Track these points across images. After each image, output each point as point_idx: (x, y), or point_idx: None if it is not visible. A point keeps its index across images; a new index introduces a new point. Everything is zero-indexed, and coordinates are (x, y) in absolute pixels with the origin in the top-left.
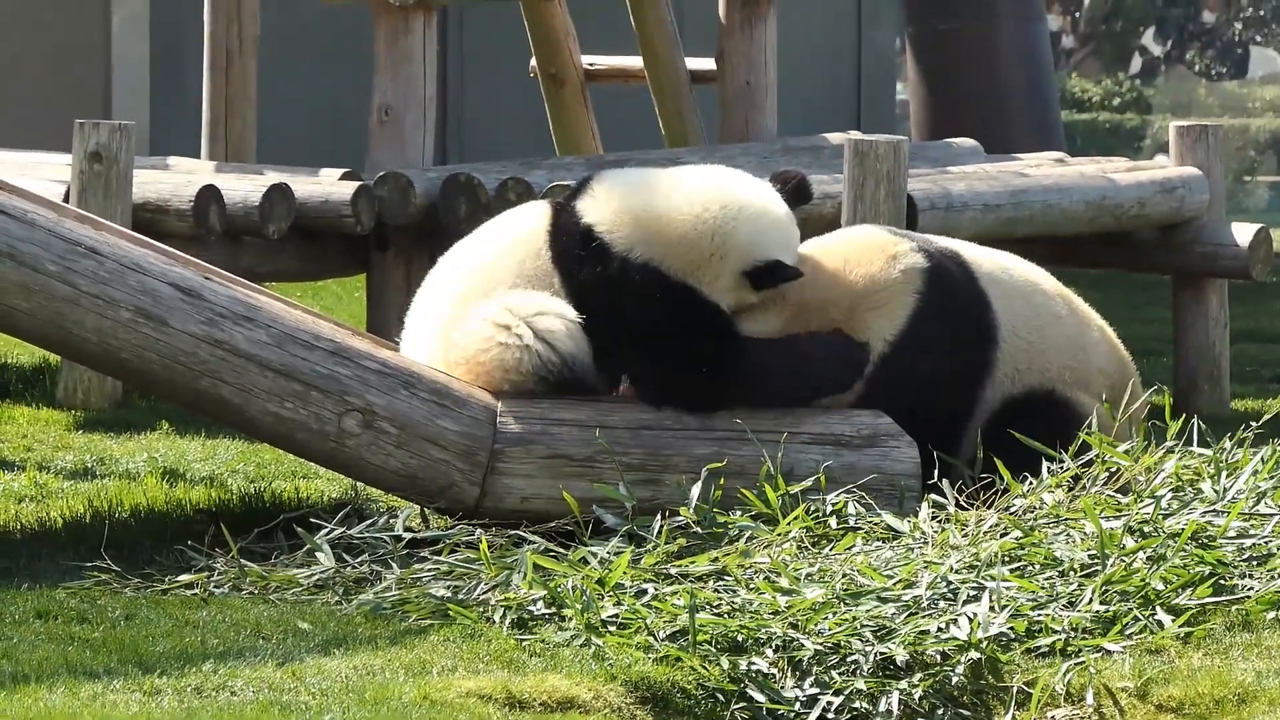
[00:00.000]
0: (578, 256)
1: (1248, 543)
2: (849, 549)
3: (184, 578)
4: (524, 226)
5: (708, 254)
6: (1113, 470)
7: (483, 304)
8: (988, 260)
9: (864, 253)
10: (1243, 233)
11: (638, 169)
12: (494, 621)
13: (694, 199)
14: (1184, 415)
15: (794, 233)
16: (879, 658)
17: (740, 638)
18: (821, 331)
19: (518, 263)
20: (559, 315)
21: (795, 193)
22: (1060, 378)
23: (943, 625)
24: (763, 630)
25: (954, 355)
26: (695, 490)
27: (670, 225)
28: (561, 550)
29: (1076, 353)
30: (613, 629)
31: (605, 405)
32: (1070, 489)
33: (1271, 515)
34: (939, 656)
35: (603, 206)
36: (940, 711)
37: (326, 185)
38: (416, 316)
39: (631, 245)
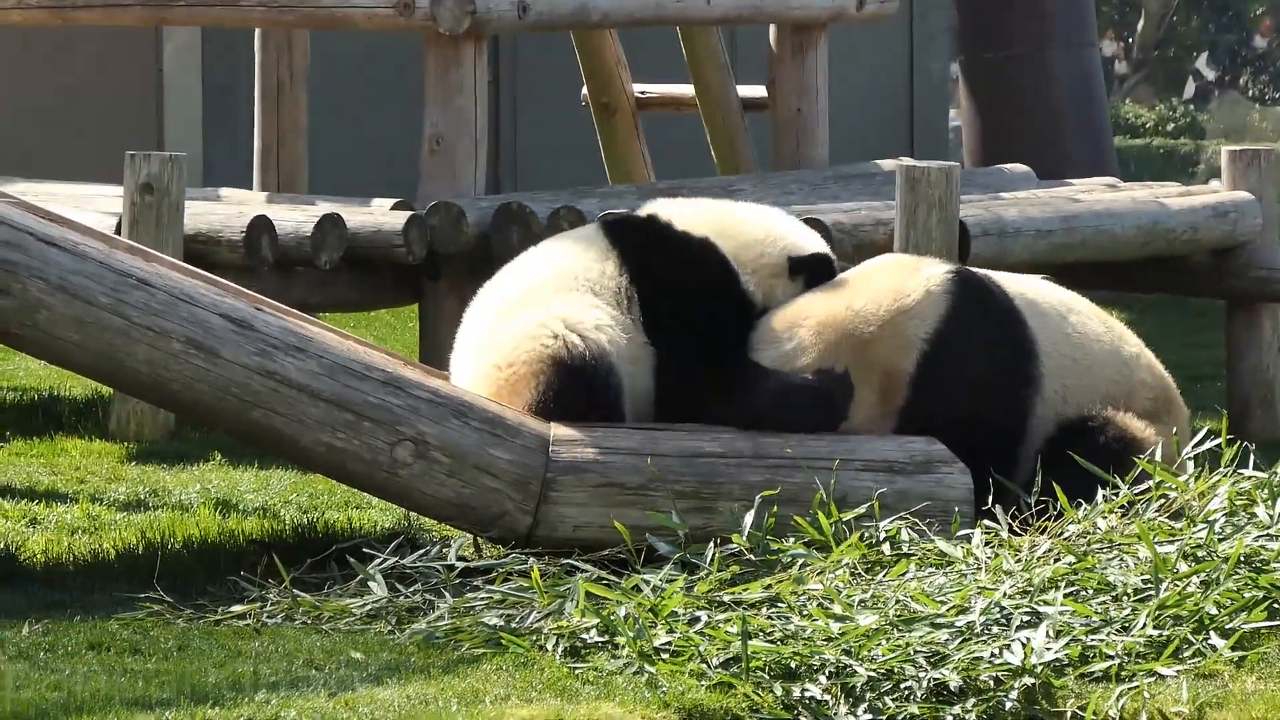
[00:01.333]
0: (640, 244)
1: None
2: (902, 575)
3: (237, 608)
4: (575, 241)
5: (759, 238)
6: (1166, 495)
7: (525, 312)
8: (1015, 283)
9: (890, 268)
10: None
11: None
12: (547, 650)
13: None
14: (1237, 440)
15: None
16: (932, 684)
17: (793, 664)
18: (817, 374)
19: (582, 268)
20: (597, 319)
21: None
22: (1109, 395)
23: (996, 651)
24: (816, 657)
25: (993, 359)
26: (748, 518)
27: (728, 217)
28: (614, 578)
29: (1119, 367)
30: (666, 656)
31: (657, 433)
32: (1124, 514)
33: None
34: (992, 682)
35: (658, 206)
36: None
37: (378, 215)
38: (463, 338)
39: (691, 226)
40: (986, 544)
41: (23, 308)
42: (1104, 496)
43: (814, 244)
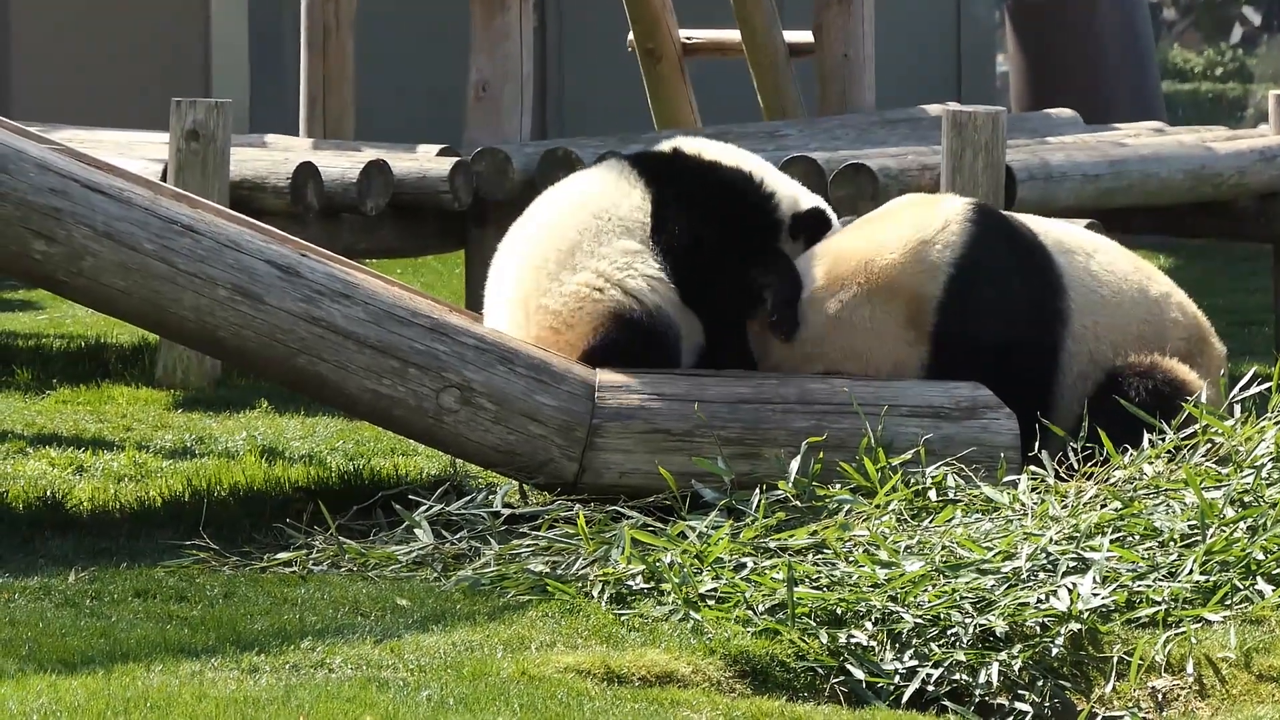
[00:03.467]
0: (666, 174)
1: None
2: (948, 521)
3: (282, 555)
4: (604, 181)
5: (774, 201)
6: (1213, 440)
7: (568, 274)
8: (1038, 222)
9: (909, 203)
10: None
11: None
12: (592, 596)
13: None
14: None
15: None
16: (978, 630)
17: (839, 611)
18: None
19: (619, 212)
20: (644, 274)
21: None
22: (1141, 335)
23: (1042, 597)
24: (862, 603)
25: (1018, 288)
26: (794, 464)
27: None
28: (660, 525)
29: (1149, 306)
30: (711, 603)
31: (703, 379)
32: (1171, 459)
33: None
34: (1039, 628)
35: (682, 141)
36: (1040, 683)
37: (424, 161)
38: (497, 290)
39: (719, 157)
40: (1033, 490)
41: (69, 255)
42: (1150, 441)
43: (809, 199)
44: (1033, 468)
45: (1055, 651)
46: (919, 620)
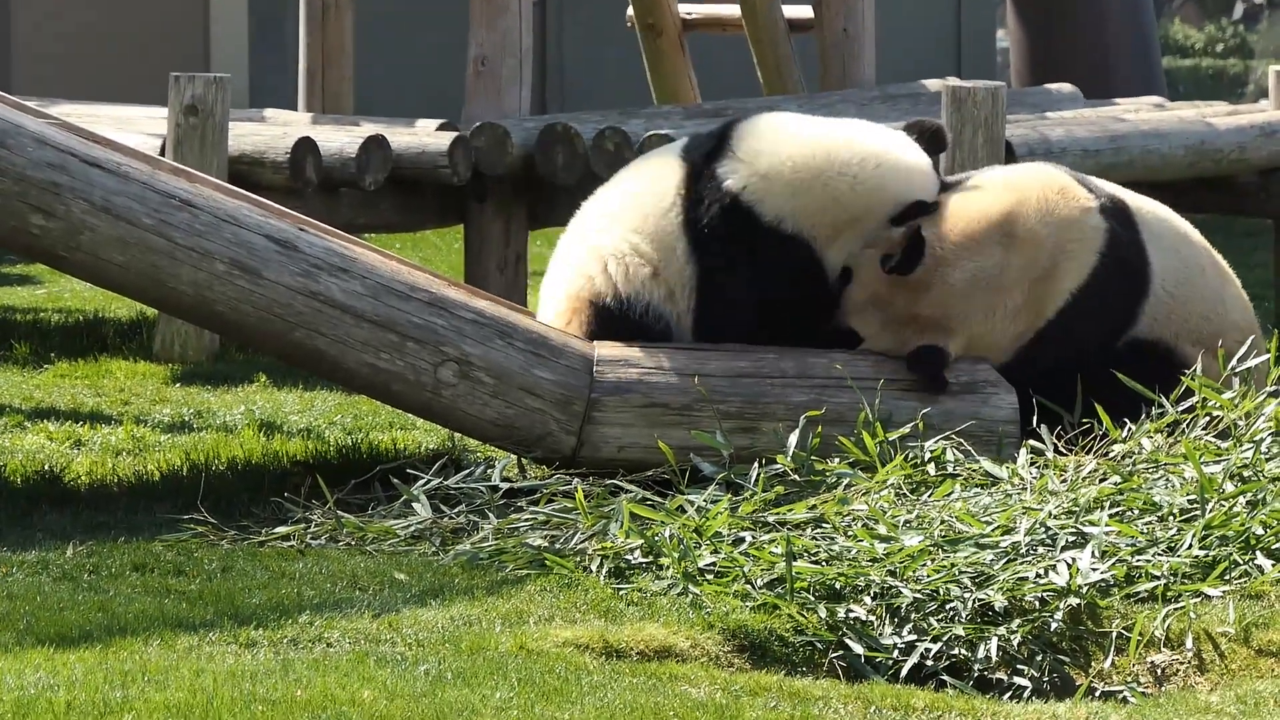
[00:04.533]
0: (716, 223)
1: None
2: (947, 496)
3: (280, 530)
4: (655, 183)
5: (857, 215)
6: (1212, 415)
7: (580, 248)
8: (1147, 211)
9: (1050, 197)
10: None
11: (774, 118)
12: (591, 571)
13: (847, 159)
14: None
15: (931, 179)
16: (977, 604)
17: (838, 585)
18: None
19: (642, 218)
20: (631, 260)
21: (931, 141)
22: (1196, 330)
23: (1041, 571)
24: (860, 578)
25: (1111, 315)
26: (793, 438)
27: (824, 188)
28: (658, 499)
29: (1215, 305)
30: (710, 577)
31: (702, 353)
32: (1170, 434)
33: None
34: (1038, 603)
35: (748, 168)
36: (1039, 658)
37: (423, 136)
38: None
39: (781, 215)
40: (1032, 464)
41: (67, 229)
42: (1149, 416)
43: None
44: (1032, 442)
45: (1054, 626)
46: (918, 595)
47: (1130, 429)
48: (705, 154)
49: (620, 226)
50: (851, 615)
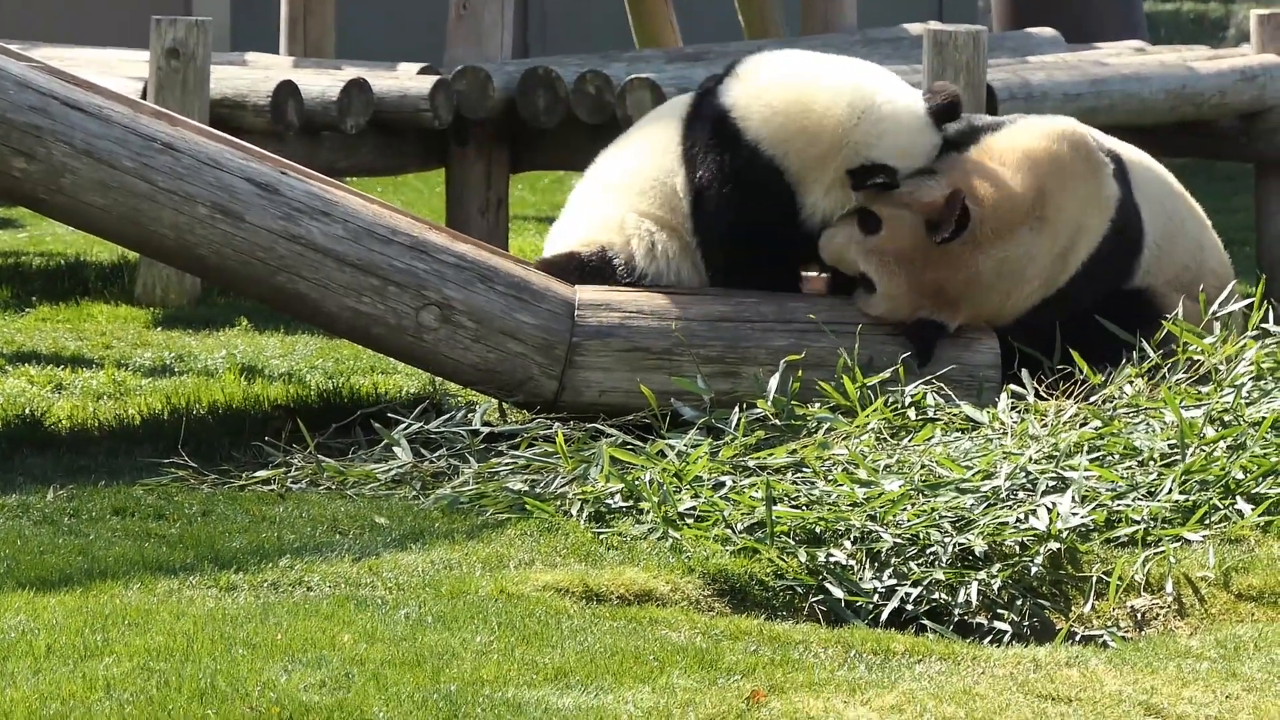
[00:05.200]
0: (707, 145)
1: None
2: (927, 440)
3: (261, 474)
4: (659, 130)
5: (823, 153)
6: (1193, 360)
7: (598, 208)
8: (1137, 163)
9: (1077, 168)
10: None
11: (789, 52)
12: (571, 515)
13: (827, 97)
14: (1265, 304)
15: (924, 140)
16: (957, 549)
17: (818, 530)
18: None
19: (646, 168)
20: (654, 241)
21: (944, 109)
22: (1178, 278)
23: (1022, 516)
24: (841, 522)
25: (1112, 276)
26: (773, 382)
27: (798, 116)
28: (639, 443)
29: (1195, 253)
30: (690, 522)
31: (683, 298)
32: (1151, 380)
33: None
34: (1018, 547)
35: (741, 87)
36: (1019, 602)
37: (404, 80)
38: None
39: (759, 137)
40: (1013, 409)
41: (48, 172)
42: (1130, 360)
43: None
44: (1013, 387)
45: (1034, 570)
46: (898, 539)
47: (1111, 373)
48: (715, 79)
49: (625, 186)
50: (832, 560)
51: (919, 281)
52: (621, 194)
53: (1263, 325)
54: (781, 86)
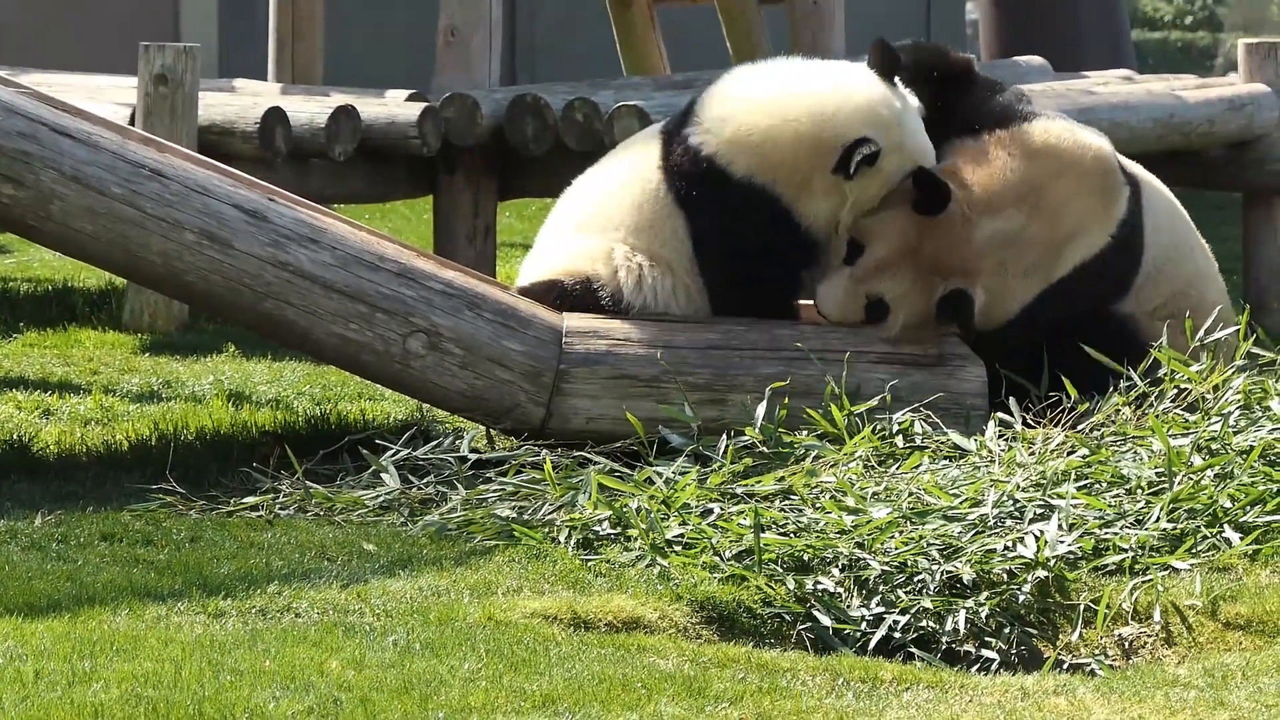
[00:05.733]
0: (697, 192)
1: None
2: (915, 468)
3: (249, 500)
4: (636, 167)
5: (813, 165)
6: (1181, 388)
7: (580, 239)
8: (1154, 189)
9: (1092, 179)
10: None
11: (734, 81)
12: (559, 542)
13: (799, 118)
14: (1254, 333)
15: (888, 103)
16: (945, 577)
17: (806, 557)
18: None
19: (635, 206)
20: (641, 269)
21: (883, 62)
22: (1171, 305)
23: (1009, 544)
24: (828, 549)
25: (1102, 289)
26: (760, 410)
27: (777, 147)
28: (627, 470)
29: (1196, 282)
30: (678, 549)
31: (671, 326)
32: (1138, 407)
33: None
34: (1006, 575)
35: (716, 133)
36: (1007, 630)
37: (393, 107)
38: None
39: (750, 172)
40: (1000, 437)
41: (37, 198)
42: (1117, 389)
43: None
44: (1000, 415)
45: (1022, 599)
46: (886, 567)
47: (1098, 401)
48: (677, 124)
49: (608, 219)
50: (819, 587)
51: (924, 264)
52: (606, 226)
53: (1252, 353)
54: (751, 127)
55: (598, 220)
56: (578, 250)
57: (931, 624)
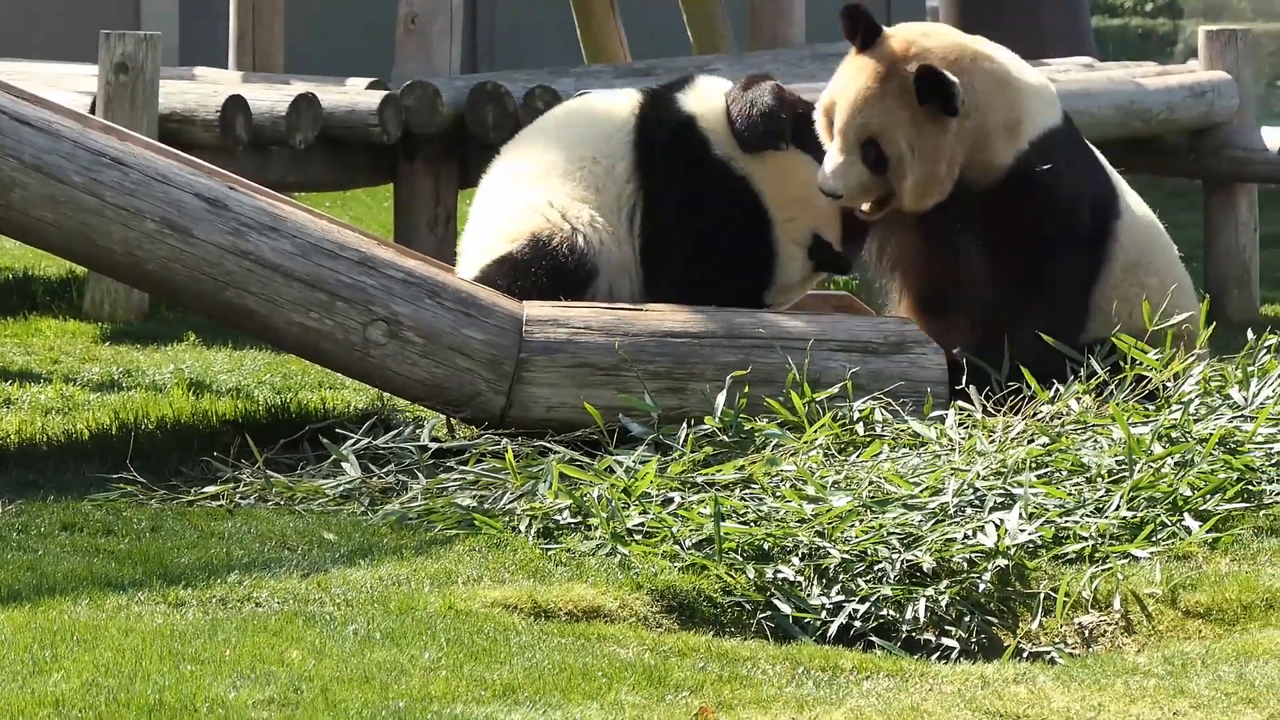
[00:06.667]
0: (668, 145)
1: (1276, 448)
2: (876, 456)
3: (210, 489)
4: (602, 111)
5: None
6: (1140, 377)
7: (530, 192)
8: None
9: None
10: (1273, 137)
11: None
12: (520, 531)
13: None
14: (1213, 321)
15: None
16: (906, 565)
17: (766, 546)
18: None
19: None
20: (593, 220)
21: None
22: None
23: (970, 532)
24: (789, 538)
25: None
26: (720, 398)
27: None
28: (587, 459)
29: (1168, 273)
30: (638, 538)
31: (631, 314)
32: (1098, 396)
33: None
34: (966, 564)
35: (705, 103)
36: (967, 618)
37: (353, 95)
38: (477, 206)
39: (732, 153)
40: (960, 425)
41: None
42: (1078, 377)
43: None
44: (961, 403)
45: (982, 587)
46: (846, 555)
47: (1059, 390)
48: (666, 85)
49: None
50: (780, 576)
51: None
52: (539, 183)
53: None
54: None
55: (532, 178)
56: (517, 210)
57: (892, 612)
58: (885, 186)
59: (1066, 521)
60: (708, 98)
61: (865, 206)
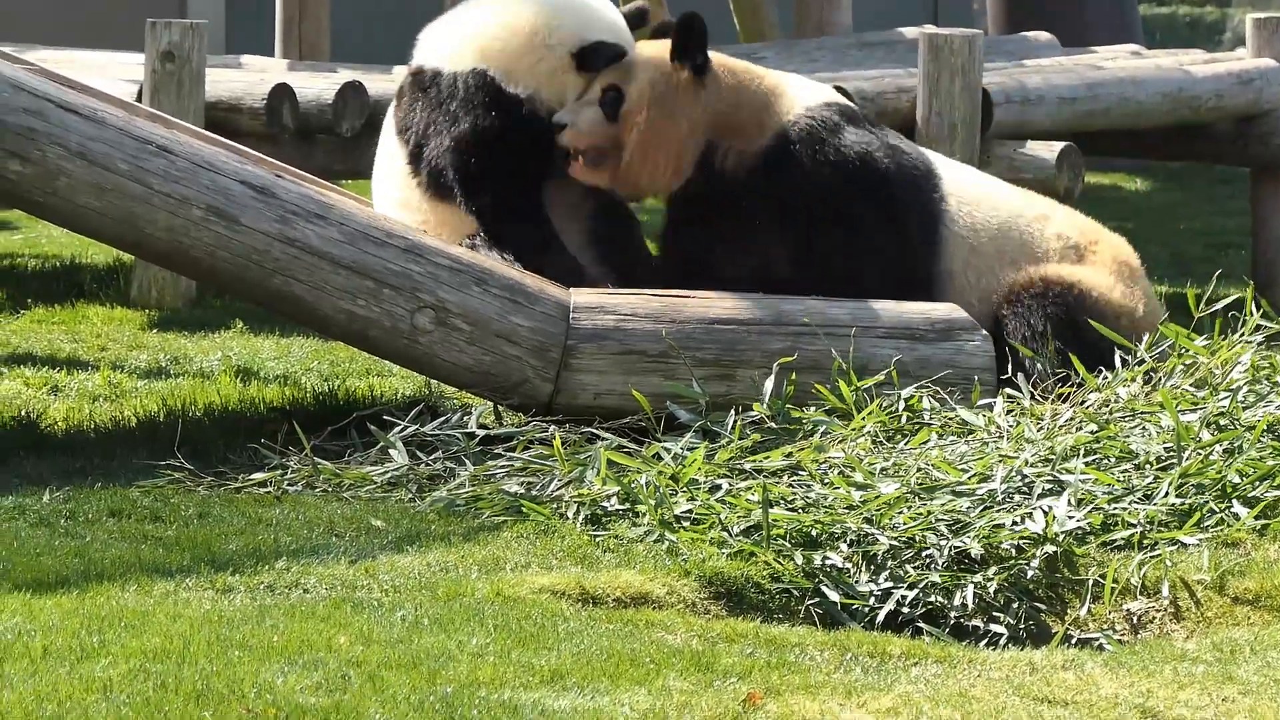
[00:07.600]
0: (411, 104)
1: None
2: (923, 443)
3: (257, 476)
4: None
5: (541, 47)
6: (1188, 363)
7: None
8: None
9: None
10: None
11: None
12: (567, 518)
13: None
14: (1262, 308)
15: (622, 33)
16: (953, 552)
17: (814, 533)
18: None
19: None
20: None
21: (636, 16)
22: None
23: (1018, 519)
24: (837, 525)
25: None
26: (768, 385)
27: (506, 38)
28: (635, 446)
29: (1021, 224)
30: (686, 524)
31: (679, 300)
32: (1146, 382)
33: None
34: (1014, 550)
35: (432, 46)
36: (1015, 605)
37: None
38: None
39: (461, 65)
40: (1008, 412)
41: (43, 174)
42: (1125, 363)
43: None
44: (1008, 390)
45: (1030, 574)
46: (894, 542)
47: (1107, 377)
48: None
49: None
50: (828, 562)
51: None
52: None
53: (1262, 326)
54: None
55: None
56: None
57: (940, 599)
58: (613, 139)
59: (1115, 508)
60: None
61: (581, 156)
